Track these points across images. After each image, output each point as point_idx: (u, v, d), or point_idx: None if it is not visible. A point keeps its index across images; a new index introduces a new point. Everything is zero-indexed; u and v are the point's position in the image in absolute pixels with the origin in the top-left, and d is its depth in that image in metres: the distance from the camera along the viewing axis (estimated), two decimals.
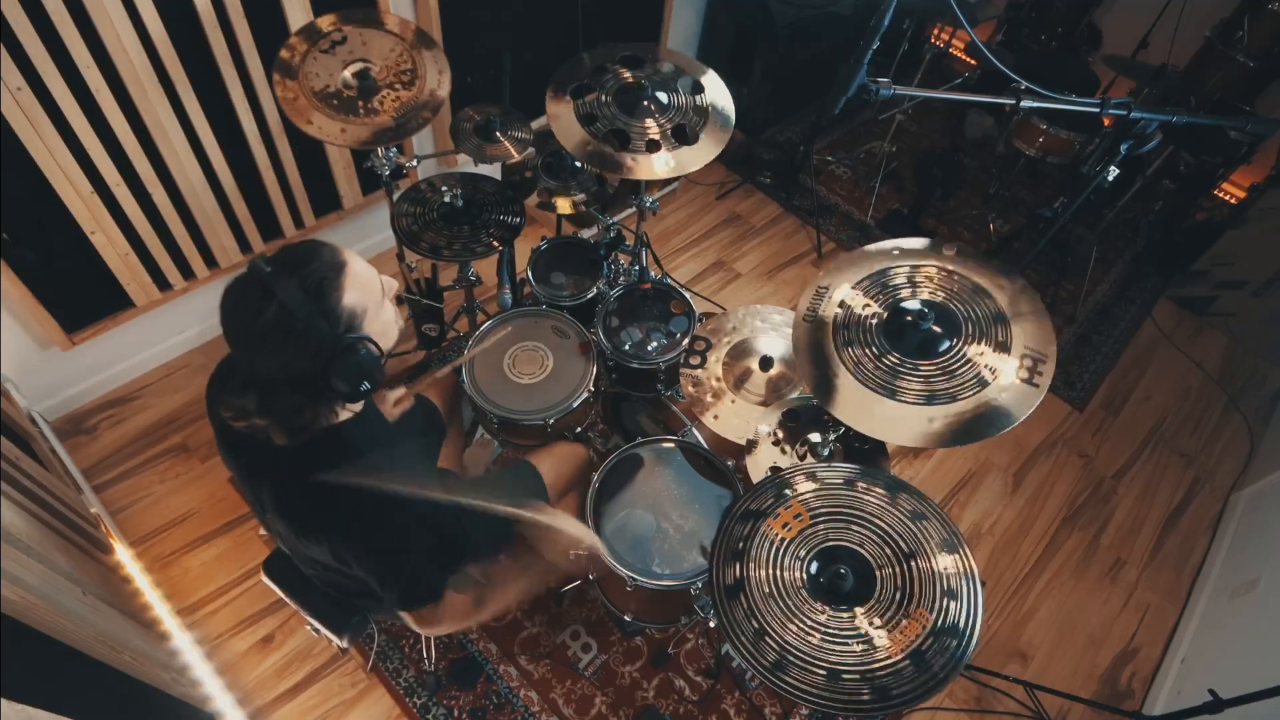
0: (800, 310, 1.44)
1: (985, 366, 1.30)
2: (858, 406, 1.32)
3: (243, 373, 1.07)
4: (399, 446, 1.26)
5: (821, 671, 1.11)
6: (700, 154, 1.79)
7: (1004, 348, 1.32)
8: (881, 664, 1.11)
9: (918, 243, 1.48)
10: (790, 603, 1.18)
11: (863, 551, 1.22)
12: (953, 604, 1.15)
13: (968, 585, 1.17)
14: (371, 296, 1.08)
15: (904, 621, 1.14)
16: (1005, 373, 1.29)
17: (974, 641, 1.12)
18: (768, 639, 1.14)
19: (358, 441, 1.16)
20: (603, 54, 1.91)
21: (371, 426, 1.20)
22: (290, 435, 1.10)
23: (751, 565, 1.22)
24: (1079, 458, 2.73)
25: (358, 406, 1.18)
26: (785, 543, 1.24)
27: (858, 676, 1.10)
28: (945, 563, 1.19)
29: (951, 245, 1.46)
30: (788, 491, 1.30)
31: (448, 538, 1.28)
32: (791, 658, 1.12)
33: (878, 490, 1.28)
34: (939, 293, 1.40)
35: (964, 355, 1.33)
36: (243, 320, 1.00)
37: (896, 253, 1.47)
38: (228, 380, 1.18)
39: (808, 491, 1.29)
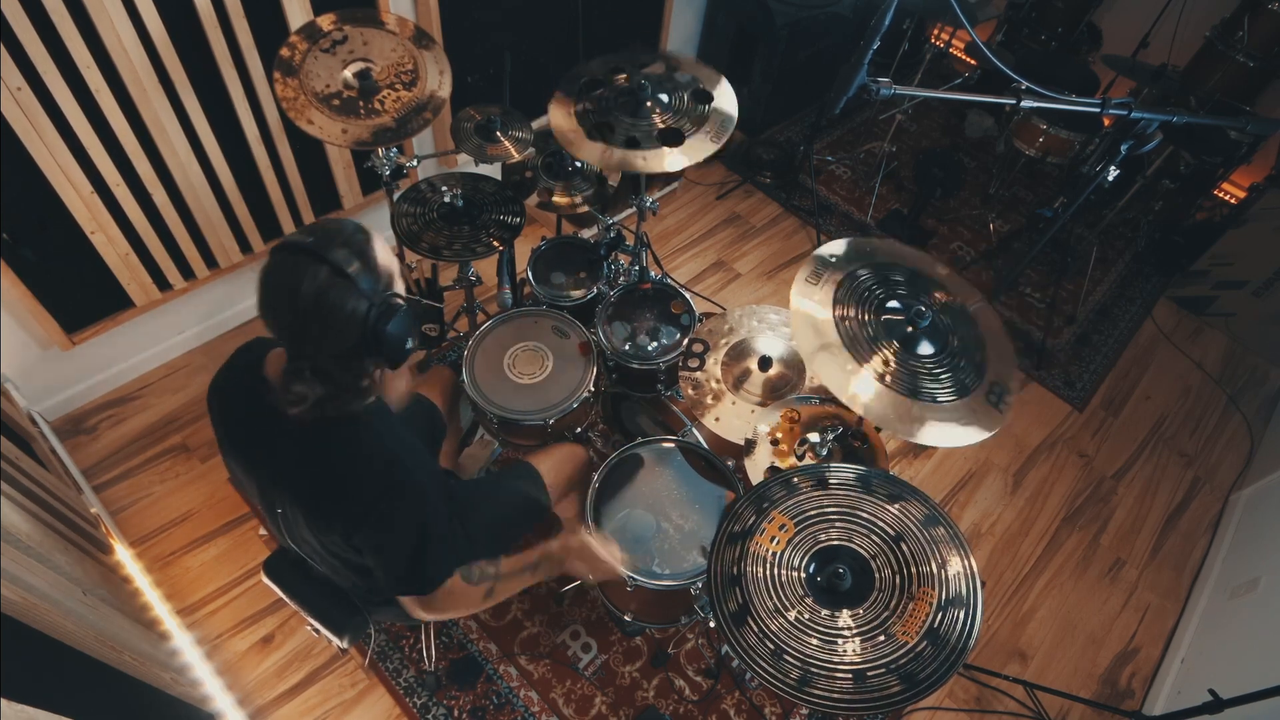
0: (803, 273, 1.47)
1: (960, 382, 1.35)
2: (841, 374, 1.36)
3: (293, 352, 1.07)
4: (410, 438, 1.27)
5: (847, 675, 1.11)
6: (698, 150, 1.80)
7: (980, 369, 1.36)
8: (901, 651, 1.11)
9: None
10: (799, 611, 1.18)
11: (854, 546, 1.23)
12: (949, 576, 1.17)
13: (960, 554, 1.19)
14: (394, 260, 1.13)
15: (911, 605, 1.15)
16: (975, 391, 1.35)
17: (979, 609, 1.13)
18: (787, 657, 1.14)
19: (377, 426, 1.17)
20: (612, 60, 1.92)
21: (386, 415, 1.21)
22: (348, 406, 1.11)
23: (751, 586, 1.22)
24: (1079, 458, 2.73)
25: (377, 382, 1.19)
26: (778, 556, 1.24)
27: (883, 670, 1.10)
28: (951, 562, 1.19)
29: (945, 266, 1.50)
30: (765, 504, 1.30)
31: (457, 528, 1.30)
32: (814, 669, 1.11)
33: (852, 485, 1.30)
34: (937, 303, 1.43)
35: (943, 366, 1.37)
36: (295, 290, 1.00)
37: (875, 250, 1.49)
38: (238, 378, 1.18)
39: (785, 500, 1.30)
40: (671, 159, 1.77)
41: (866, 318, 1.41)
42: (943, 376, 1.37)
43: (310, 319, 1.02)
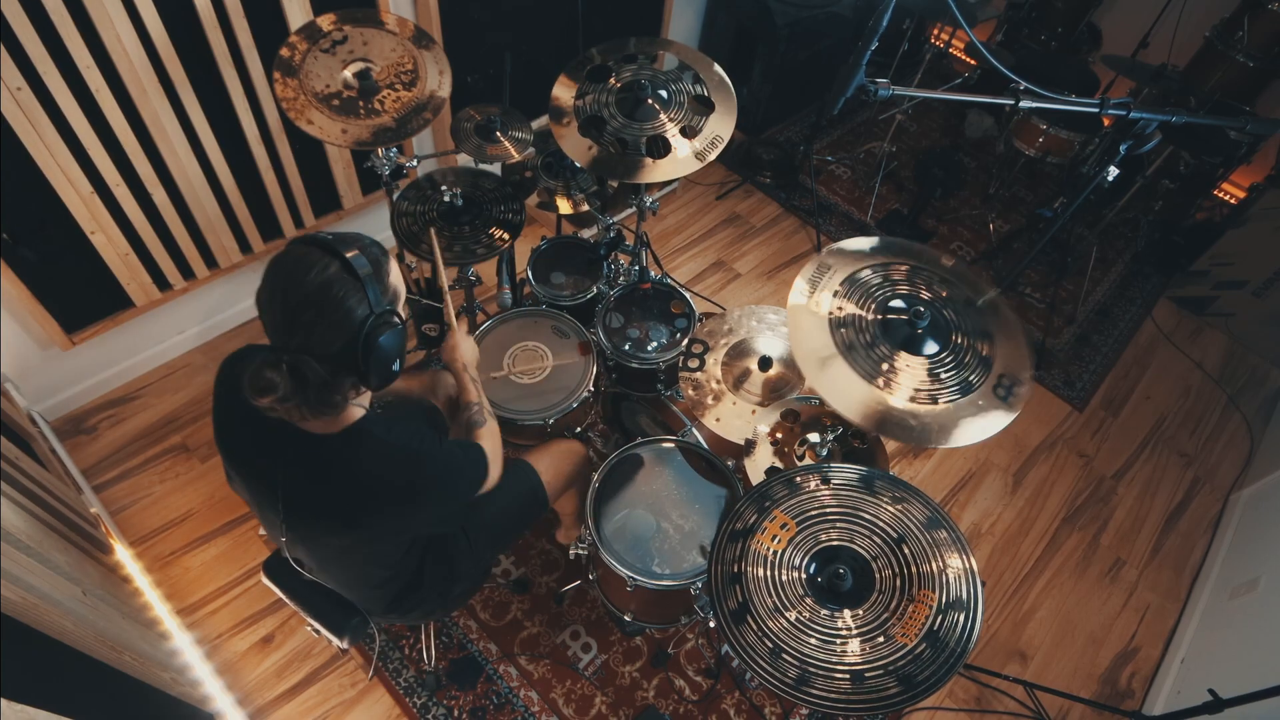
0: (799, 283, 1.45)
1: (968, 377, 1.33)
2: (844, 391, 1.34)
3: (277, 342, 1.05)
4: (406, 423, 1.28)
5: (845, 676, 1.11)
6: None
7: (986, 363, 1.34)
8: (900, 653, 1.11)
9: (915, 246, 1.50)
10: (799, 612, 1.17)
11: (856, 547, 1.23)
12: (950, 579, 1.17)
13: (961, 558, 1.18)
14: (402, 286, 1.15)
15: (911, 606, 1.15)
16: (983, 386, 1.32)
17: (979, 612, 1.12)
18: (785, 656, 1.13)
19: (379, 429, 1.17)
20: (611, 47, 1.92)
21: (380, 417, 1.21)
22: (314, 415, 1.10)
23: (751, 585, 1.22)
24: (1079, 458, 2.73)
25: (365, 400, 1.19)
26: (779, 555, 1.23)
27: (881, 672, 1.10)
28: (952, 561, 1.19)
29: (950, 255, 1.48)
30: (767, 504, 1.30)
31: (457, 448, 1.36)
32: (812, 669, 1.11)
33: (855, 485, 1.29)
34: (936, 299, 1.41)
35: (951, 362, 1.35)
36: (301, 277, 1.01)
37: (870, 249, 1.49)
38: (240, 364, 1.18)
39: (788, 499, 1.30)
40: (650, 172, 1.78)
41: (867, 321, 1.40)
42: (945, 376, 1.36)
43: (308, 306, 1.02)
